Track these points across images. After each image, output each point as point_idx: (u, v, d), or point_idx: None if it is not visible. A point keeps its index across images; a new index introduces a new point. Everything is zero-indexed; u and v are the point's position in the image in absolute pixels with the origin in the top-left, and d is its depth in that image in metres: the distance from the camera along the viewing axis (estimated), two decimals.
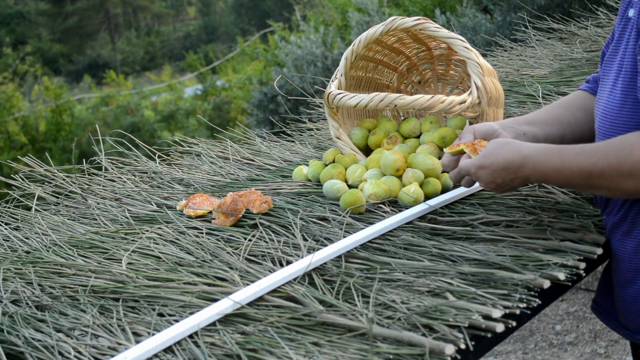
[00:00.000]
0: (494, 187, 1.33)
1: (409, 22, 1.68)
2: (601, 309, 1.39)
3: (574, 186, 1.27)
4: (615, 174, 1.17)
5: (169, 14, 34.34)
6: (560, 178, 1.24)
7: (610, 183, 1.19)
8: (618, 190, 1.20)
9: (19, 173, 1.98)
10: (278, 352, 1.01)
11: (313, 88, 4.71)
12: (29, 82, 15.57)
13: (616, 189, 1.19)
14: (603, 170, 1.18)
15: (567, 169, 1.23)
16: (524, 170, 1.26)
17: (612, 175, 1.18)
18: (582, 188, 1.28)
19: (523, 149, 1.27)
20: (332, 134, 1.78)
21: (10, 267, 1.41)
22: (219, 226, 1.51)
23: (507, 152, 1.28)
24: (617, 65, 1.28)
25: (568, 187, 1.33)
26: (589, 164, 1.20)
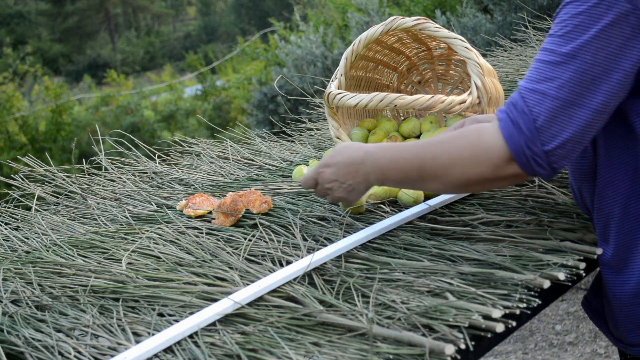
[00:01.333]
0: (336, 186, 1.32)
1: (409, 22, 1.68)
2: (591, 307, 1.38)
3: (409, 180, 1.26)
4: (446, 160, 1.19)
5: (169, 14, 34.34)
6: (396, 170, 1.25)
7: (441, 170, 1.19)
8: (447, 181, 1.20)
9: (19, 173, 1.98)
10: (278, 352, 1.01)
11: (313, 88, 4.71)
12: (29, 82, 15.56)
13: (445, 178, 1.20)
14: (435, 155, 1.20)
15: (402, 158, 1.24)
16: (365, 165, 1.27)
17: (444, 161, 1.19)
18: (416, 183, 1.26)
19: (365, 146, 1.29)
20: (332, 134, 1.78)
21: (10, 267, 1.41)
22: (218, 226, 1.51)
23: (351, 150, 1.30)
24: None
25: (405, 185, 1.29)
26: (424, 151, 1.22)
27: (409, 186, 1.30)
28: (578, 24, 1.08)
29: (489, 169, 1.16)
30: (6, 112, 11.73)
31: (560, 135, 1.10)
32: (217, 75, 16.64)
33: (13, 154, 10.70)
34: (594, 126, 1.11)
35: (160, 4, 33.78)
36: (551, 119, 1.10)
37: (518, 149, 1.12)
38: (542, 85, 1.11)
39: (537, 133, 1.10)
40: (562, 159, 1.12)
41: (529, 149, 1.11)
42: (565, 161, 1.13)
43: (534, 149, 1.11)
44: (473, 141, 1.17)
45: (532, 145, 1.11)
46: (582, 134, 1.11)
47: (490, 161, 1.15)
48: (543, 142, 1.11)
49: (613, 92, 1.09)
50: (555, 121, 1.10)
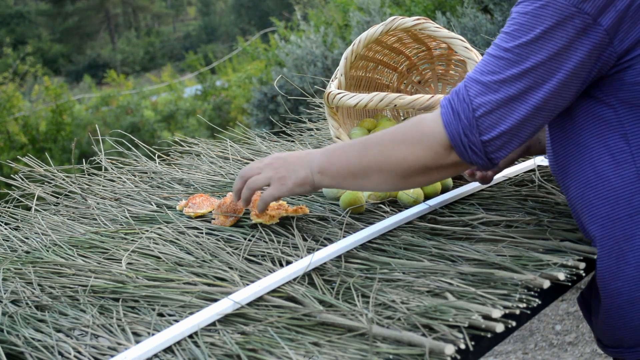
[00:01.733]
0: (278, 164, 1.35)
1: (408, 22, 1.68)
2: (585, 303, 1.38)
3: (352, 165, 1.27)
4: (388, 142, 1.22)
5: (169, 14, 34.34)
6: (341, 153, 1.28)
7: (382, 156, 1.22)
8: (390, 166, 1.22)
9: (19, 173, 1.98)
10: (278, 352, 1.01)
11: (313, 88, 4.71)
12: (29, 82, 15.57)
13: (387, 164, 1.22)
14: (378, 137, 1.24)
15: (348, 144, 1.29)
16: (312, 154, 1.31)
17: (386, 144, 1.22)
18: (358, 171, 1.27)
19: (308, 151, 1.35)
20: (332, 133, 1.78)
21: (10, 267, 1.41)
22: (218, 226, 1.51)
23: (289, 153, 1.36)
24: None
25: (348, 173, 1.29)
26: (366, 137, 1.27)
27: (351, 179, 1.30)
28: (524, 22, 1.12)
29: (429, 155, 1.19)
30: (6, 112, 11.73)
31: (497, 127, 1.14)
32: (217, 75, 16.63)
33: (13, 154, 10.70)
34: (533, 122, 1.14)
35: (160, 4, 33.78)
36: (490, 110, 1.13)
37: (455, 136, 1.16)
38: (486, 77, 1.14)
39: (475, 122, 1.14)
40: (499, 150, 1.16)
41: (466, 137, 1.15)
42: (502, 152, 1.17)
43: (470, 138, 1.15)
44: (414, 128, 1.22)
45: (470, 133, 1.15)
46: (519, 127, 1.14)
47: (430, 147, 1.18)
48: (481, 132, 1.14)
49: (554, 91, 1.12)
50: (493, 113, 1.13)
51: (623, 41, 1.10)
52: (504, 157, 1.18)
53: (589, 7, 1.07)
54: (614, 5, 1.07)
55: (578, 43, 1.09)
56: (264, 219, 1.46)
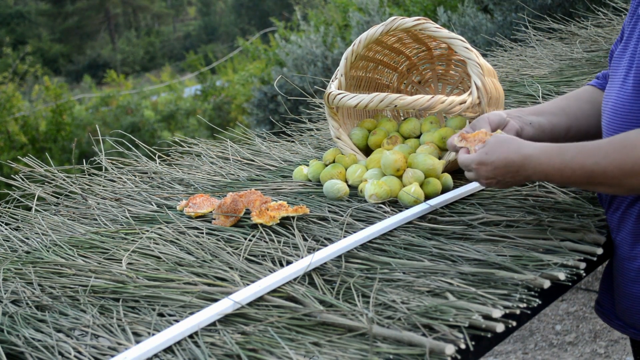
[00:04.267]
0: (494, 183, 1.33)
1: (409, 22, 1.68)
2: (604, 310, 1.38)
3: (576, 184, 1.27)
4: (617, 172, 1.17)
5: (169, 14, 34.33)
6: (562, 177, 1.24)
7: (612, 181, 1.18)
8: (620, 187, 1.19)
9: (19, 173, 1.98)
10: (278, 352, 1.01)
11: (313, 88, 4.71)
12: (29, 82, 15.57)
13: (618, 186, 1.19)
14: (605, 169, 1.18)
15: (568, 168, 1.22)
16: (525, 170, 1.26)
17: (615, 173, 1.17)
18: (584, 186, 1.27)
19: (524, 148, 1.27)
20: (332, 134, 1.78)
21: (10, 267, 1.41)
22: (219, 226, 1.51)
23: (508, 150, 1.28)
24: (627, 62, 1.28)
25: (570, 186, 1.33)
26: (591, 163, 1.19)
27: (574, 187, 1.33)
28: None
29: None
30: (6, 112, 11.73)
31: None
32: (217, 75, 16.64)
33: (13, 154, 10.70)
34: None
35: (160, 4, 33.77)
36: None
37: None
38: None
39: None
40: None
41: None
42: None
43: None
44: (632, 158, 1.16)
45: None
46: None
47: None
48: None
49: None
50: None
51: None
52: None
53: None
54: None
55: None
56: (265, 219, 1.46)
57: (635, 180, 1.16)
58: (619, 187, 1.20)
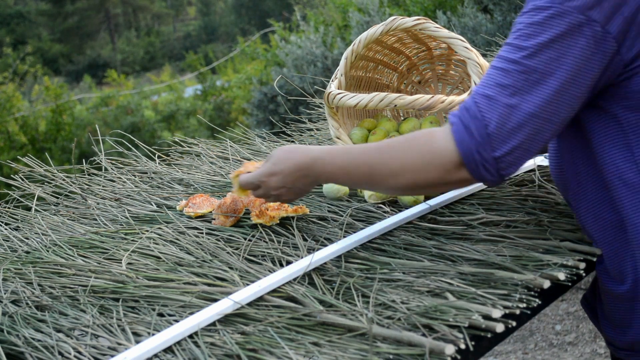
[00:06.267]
0: (284, 192, 1.34)
1: (408, 22, 1.68)
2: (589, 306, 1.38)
3: (361, 184, 1.27)
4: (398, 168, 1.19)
5: (169, 14, 34.33)
6: (348, 175, 1.25)
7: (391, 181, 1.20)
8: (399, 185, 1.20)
9: (19, 173, 1.98)
10: (278, 352, 1.01)
11: (313, 88, 4.71)
12: (29, 82, 15.56)
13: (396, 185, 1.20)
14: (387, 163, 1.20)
15: (352, 165, 1.24)
16: (314, 171, 1.28)
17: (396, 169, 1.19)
18: (368, 186, 1.27)
19: (311, 151, 1.29)
20: (332, 134, 1.78)
21: (10, 267, 1.41)
22: (219, 226, 1.51)
23: (296, 156, 1.30)
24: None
25: (356, 186, 1.31)
26: (374, 159, 1.22)
27: (358, 188, 1.32)
28: (531, 33, 1.08)
29: (439, 174, 1.16)
30: (6, 112, 11.74)
31: (510, 142, 1.10)
32: (217, 75, 16.63)
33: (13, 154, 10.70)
34: (545, 134, 1.11)
35: (160, 4, 33.78)
36: (502, 125, 1.09)
37: (468, 154, 1.12)
38: (493, 90, 1.11)
39: (488, 139, 1.10)
40: (510, 166, 1.12)
41: (479, 154, 1.11)
42: (513, 168, 1.13)
43: (484, 155, 1.11)
44: (424, 146, 1.17)
45: (483, 150, 1.11)
46: (531, 141, 1.10)
47: (442, 166, 1.15)
48: (493, 148, 1.10)
49: (567, 102, 1.09)
50: (505, 128, 1.09)
51: (630, 49, 1.07)
52: (513, 173, 1.15)
53: (596, 14, 1.05)
54: (620, 13, 1.05)
55: (589, 52, 1.06)
56: (264, 220, 1.46)
57: (409, 175, 1.17)
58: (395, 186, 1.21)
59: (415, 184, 1.19)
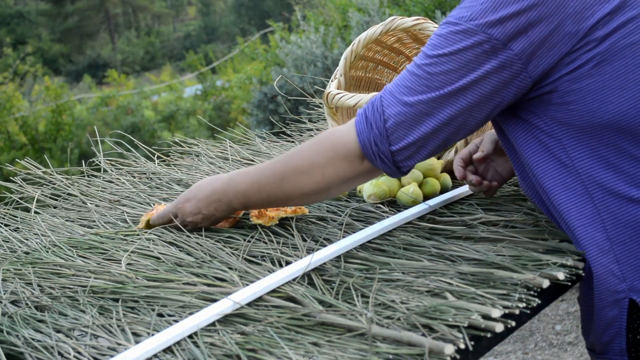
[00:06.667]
0: (200, 219, 1.40)
1: (408, 22, 1.68)
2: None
3: (273, 196, 1.31)
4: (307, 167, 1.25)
5: (169, 14, 34.35)
6: (259, 189, 1.31)
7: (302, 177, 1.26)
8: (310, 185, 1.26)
9: (18, 176, 1.99)
10: (277, 352, 1.01)
11: (313, 88, 4.71)
12: (29, 82, 15.57)
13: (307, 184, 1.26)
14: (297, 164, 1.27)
15: (263, 176, 1.31)
16: (227, 194, 1.34)
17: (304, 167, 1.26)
18: (280, 197, 1.31)
19: (225, 175, 1.36)
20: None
21: (9, 268, 1.41)
22: (218, 227, 1.51)
23: (213, 181, 1.37)
24: None
25: (271, 202, 1.34)
26: (282, 163, 1.29)
27: (275, 205, 1.35)
28: (437, 43, 1.16)
29: (346, 167, 1.23)
30: (6, 112, 11.75)
31: (405, 138, 1.18)
32: (217, 75, 16.64)
33: (13, 154, 10.71)
34: (440, 135, 1.18)
35: (160, 4, 33.80)
36: (399, 122, 1.18)
37: (367, 144, 1.20)
38: (399, 90, 1.19)
39: (385, 132, 1.18)
40: (407, 160, 1.21)
41: (376, 146, 1.19)
42: (410, 162, 1.21)
43: (380, 147, 1.19)
44: (327, 142, 1.26)
45: (380, 143, 1.19)
46: (427, 139, 1.18)
47: (345, 158, 1.23)
48: (390, 142, 1.19)
49: (462, 109, 1.16)
50: (402, 125, 1.18)
51: (538, 66, 1.12)
52: (412, 166, 1.22)
53: (497, 33, 1.10)
54: (525, 34, 1.10)
55: (488, 66, 1.12)
56: (263, 220, 1.46)
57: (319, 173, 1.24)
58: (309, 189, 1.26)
59: (327, 181, 1.25)
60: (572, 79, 1.13)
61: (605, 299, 1.18)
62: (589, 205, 1.18)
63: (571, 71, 1.12)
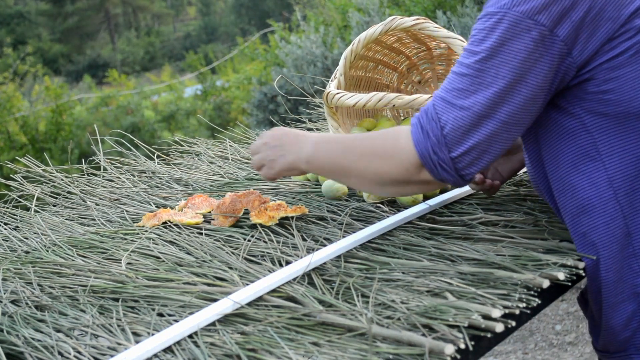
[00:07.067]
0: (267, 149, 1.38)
1: (408, 21, 1.68)
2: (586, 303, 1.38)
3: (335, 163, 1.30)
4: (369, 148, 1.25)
5: (169, 14, 34.33)
6: (326, 148, 1.30)
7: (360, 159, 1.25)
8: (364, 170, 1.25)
9: (18, 174, 1.98)
10: (278, 352, 1.01)
11: (313, 88, 4.71)
12: (29, 82, 15.56)
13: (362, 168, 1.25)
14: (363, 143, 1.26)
15: (334, 139, 1.31)
16: (305, 140, 1.33)
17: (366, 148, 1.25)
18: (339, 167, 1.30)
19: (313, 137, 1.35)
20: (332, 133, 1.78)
21: (9, 267, 1.41)
22: (218, 227, 1.51)
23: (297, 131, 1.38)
24: None
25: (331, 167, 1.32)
26: (352, 140, 1.28)
27: (333, 175, 1.34)
28: (482, 38, 1.13)
29: (400, 171, 1.21)
30: (6, 112, 11.74)
31: (465, 143, 1.15)
32: (217, 75, 16.63)
33: (13, 154, 10.70)
34: (501, 136, 1.15)
35: (160, 4, 33.78)
36: (457, 127, 1.14)
37: (425, 154, 1.17)
38: (450, 94, 1.15)
39: (443, 140, 1.15)
40: (469, 167, 1.17)
41: (435, 155, 1.16)
42: (473, 168, 1.17)
43: (440, 155, 1.16)
44: (390, 141, 1.23)
45: (439, 151, 1.16)
46: (488, 143, 1.15)
47: (402, 164, 1.20)
48: (449, 148, 1.15)
49: (519, 104, 1.12)
50: (460, 129, 1.14)
51: (582, 52, 1.10)
52: (475, 173, 1.19)
53: (544, 18, 1.08)
54: (569, 17, 1.08)
55: (537, 55, 1.10)
56: (263, 220, 1.46)
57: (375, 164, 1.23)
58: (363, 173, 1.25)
59: (380, 178, 1.24)
60: (610, 67, 1.11)
61: (624, 293, 1.17)
62: (612, 200, 1.16)
63: (610, 59, 1.11)
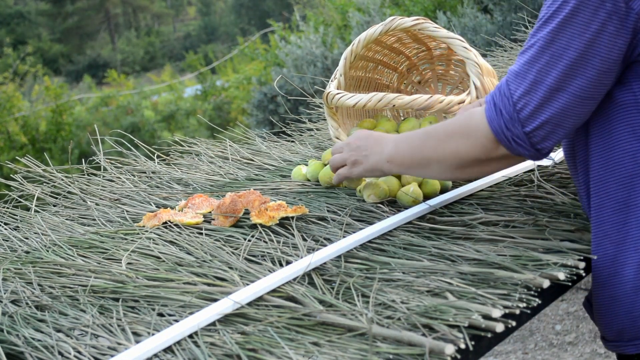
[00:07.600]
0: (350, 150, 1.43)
1: (408, 22, 1.68)
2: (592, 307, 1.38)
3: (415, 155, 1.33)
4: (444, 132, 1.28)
5: (169, 14, 34.33)
6: (407, 143, 1.34)
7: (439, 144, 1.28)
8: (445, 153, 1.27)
9: (18, 174, 1.98)
10: (278, 352, 1.01)
11: (313, 88, 4.71)
12: (29, 82, 15.56)
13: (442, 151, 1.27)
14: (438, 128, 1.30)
15: (412, 134, 1.36)
16: (385, 141, 1.37)
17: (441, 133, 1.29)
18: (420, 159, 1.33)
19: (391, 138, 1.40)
20: (332, 134, 1.78)
21: (10, 267, 1.41)
22: (218, 227, 1.51)
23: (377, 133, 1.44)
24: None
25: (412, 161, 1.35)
26: (429, 128, 1.33)
27: (414, 168, 1.36)
28: (554, 12, 1.12)
29: (478, 148, 1.22)
30: (6, 112, 11.74)
31: (538, 117, 1.15)
32: (217, 75, 16.63)
33: (13, 154, 10.70)
34: (574, 110, 1.14)
35: (160, 4, 33.77)
36: (529, 101, 1.15)
37: (498, 131, 1.18)
38: (522, 68, 1.16)
39: (516, 115, 1.16)
40: (544, 141, 1.17)
41: (509, 130, 1.17)
42: (548, 142, 1.18)
43: (513, 130, 1.17)
44: (465, 121, 1.25)
45: (512, 127, 1.17)
46: (562, 116, 1.15)
47: (478, 140, 1.22)
48: (522, 124, 1.16)
49: (592, 77, 1.12)
50: (533, 104, 1.15)
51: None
52: (552, 147, 1.19)
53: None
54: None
55: (612, 27, 1.08)
56: (264, 220, 1.46)
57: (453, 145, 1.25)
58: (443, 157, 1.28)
59: (461, 158, 1.25)
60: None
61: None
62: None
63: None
